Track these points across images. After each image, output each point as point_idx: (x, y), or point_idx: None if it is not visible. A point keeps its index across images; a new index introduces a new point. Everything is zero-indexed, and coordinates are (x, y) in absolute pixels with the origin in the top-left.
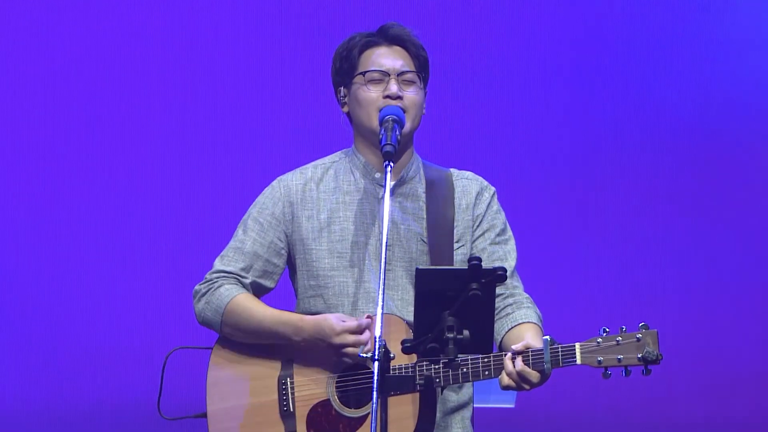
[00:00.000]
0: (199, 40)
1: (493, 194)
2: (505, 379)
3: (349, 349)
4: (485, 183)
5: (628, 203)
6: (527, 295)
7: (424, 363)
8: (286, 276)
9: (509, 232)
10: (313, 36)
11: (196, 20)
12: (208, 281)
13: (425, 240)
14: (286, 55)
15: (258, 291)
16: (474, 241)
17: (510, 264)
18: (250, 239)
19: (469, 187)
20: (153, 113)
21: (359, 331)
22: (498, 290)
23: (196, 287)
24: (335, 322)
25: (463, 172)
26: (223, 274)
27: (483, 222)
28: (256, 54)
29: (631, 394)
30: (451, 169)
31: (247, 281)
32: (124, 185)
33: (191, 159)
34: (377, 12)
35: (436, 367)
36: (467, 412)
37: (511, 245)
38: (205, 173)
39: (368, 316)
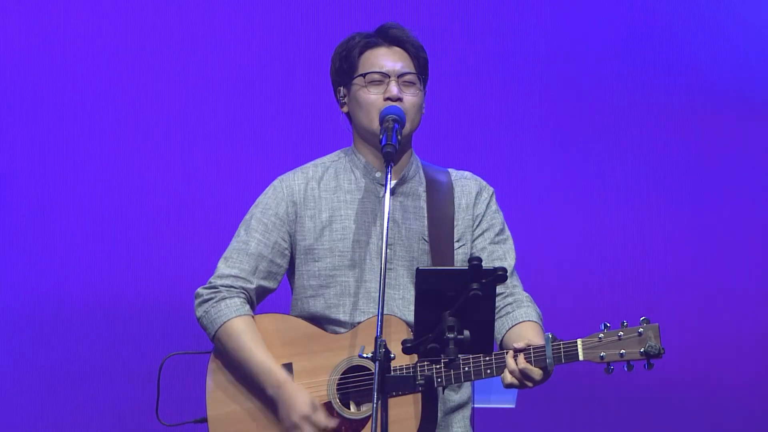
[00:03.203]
0: (198, 40)
1: (492, 194)
2: (508, 377)
3: None
4: (484, 183)
5: (628, 199)
6: (527, 294)
7: (425, 363)
8: (284, 278)
9: (507, 232)
10: (311, 35)
11: (195, 20)
12: (213, 289)
13: (426, 239)
14: (286, 55)
15: (262, 294)
16: (473, 240)
17: (509, 263)
18: (255, 240)
19: (468, 186)
20: (153, 113)
21: (323, 429)
22: (497, 289)
23: (199, 290)
24: (308, 406)
25: (462, 172)
26: (228, 281)
27: (482, 222)
28: (255, 53)
29: (631, 393)
30: (450, 169)
31: (252, 286)
32: (125, 184)
33: (191, 159)
34: (377, 11)
35: (437, 367)
36: (467, 412)
37: (510, 244)
38: (205, 173)
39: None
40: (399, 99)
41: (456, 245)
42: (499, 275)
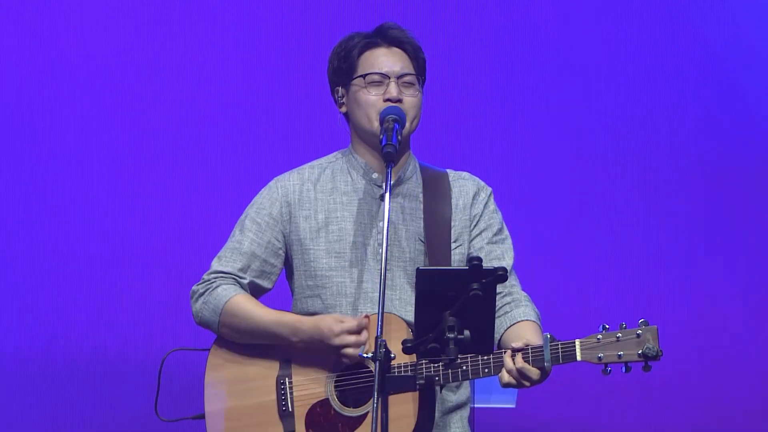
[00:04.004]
0: (196, 40)
1: (490, 194)
2: (506, 377)
3: (349, 350)
4: (482, 183)
5: (628, 201)
6: (525, 294)
7: (424, 362)
8: (282, 277)
9: (506, 232)
10: (309, 36)
11: (195, 20)
12: (206, 281)
13: (423, 240)
14: (283, 55)
15: (256, 292)
16: (471, 240)
17: (508, 263)
18: (248, 239)
19: (466, 187)
20: (150, 114)
21: (358, 330)
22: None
23: (194, 287)
24: (333, 322)
25: (460, 172)
26: (220, 275)
27: (480, 222)
28: (253, 54)
29: (630, 392)
30: (448, 170)
31: (245, 281)
32: (122, 185)
33: (188, 159)
34: (375, 12)
35: (436, 366)
36: (465, 412)
37: (508, 244)
38: (202, 174)
39: (366, 316)
40: (399, 100)
41: (453, 246)
42: (499, 275)
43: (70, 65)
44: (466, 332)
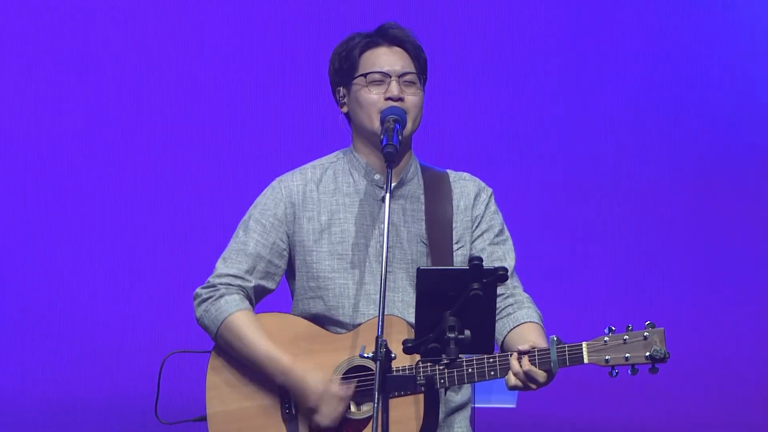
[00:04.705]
0: (196, 40)
1: (491, 195)
2: (512, 379)
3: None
4: (482, 184)
5: (630, 202)
6: (527, 295)
7: (427, 363)
8: (283, 277)
9: (507, 233)
10: (310, 35)
11: (194, 19)
12: (211, 287)
13: (425, 241)
14: (283, 55)
15: (260, 294)
16: (473, 241)
17: (509, 264)
18: (253, 240)
19: (467, 188)
20: (152, 114)
21: (342, 399)
22: (498, 290)
23: (198, 290)
24: (320, 385)
25: (460, 173)
26: (226, 280)
27: (482, 223)
28: (253, 53)
29: (631, 392)
30: (448, 171)
31: (251, 285)
32: (125, 185)
33: (190, 159)
34: (375, 12)
35: (440, 368)
36: (467, 412)
37: (509, 245)
38: (203, 173)
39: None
40: (400, 99)
41: (455, 247)
42: (499, 275)
43: (77, 66)
44: (467, 332)
